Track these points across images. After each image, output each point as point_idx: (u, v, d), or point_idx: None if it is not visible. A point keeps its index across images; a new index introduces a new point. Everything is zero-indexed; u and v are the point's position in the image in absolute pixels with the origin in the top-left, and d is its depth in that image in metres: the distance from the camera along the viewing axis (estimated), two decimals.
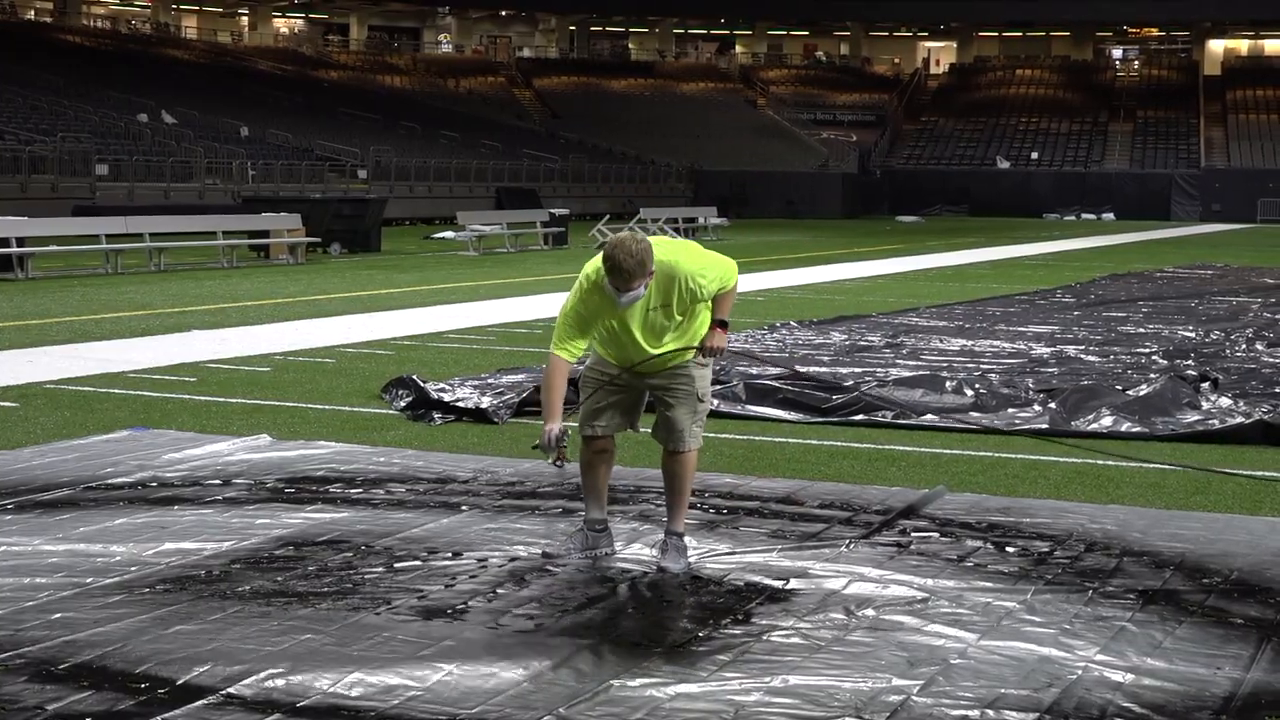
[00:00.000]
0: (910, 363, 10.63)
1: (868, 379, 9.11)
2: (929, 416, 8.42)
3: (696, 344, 5.15)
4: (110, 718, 3.66)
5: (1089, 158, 62.42)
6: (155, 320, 14.05)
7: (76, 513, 5.89)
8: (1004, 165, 61.52)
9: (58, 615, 4.51)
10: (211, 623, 4.45)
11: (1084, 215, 55.17)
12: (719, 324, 5.15)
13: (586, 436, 5.23)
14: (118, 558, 5.21)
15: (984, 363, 10.69)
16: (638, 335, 5.05)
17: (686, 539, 5.29)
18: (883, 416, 8.46)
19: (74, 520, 5.76)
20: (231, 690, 3.86)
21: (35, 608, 4.58)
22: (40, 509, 5.94)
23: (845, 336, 12.41)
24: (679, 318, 5.06)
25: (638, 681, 3.99)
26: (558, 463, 4.95)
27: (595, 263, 4.98)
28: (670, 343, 5.10)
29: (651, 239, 5.06)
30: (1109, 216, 54.77)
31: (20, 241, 19.79)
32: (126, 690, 3.85)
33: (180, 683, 3.91)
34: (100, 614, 4.53)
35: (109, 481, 6.50)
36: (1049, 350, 11.59)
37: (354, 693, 3.86)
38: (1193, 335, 12.93)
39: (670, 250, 5.04)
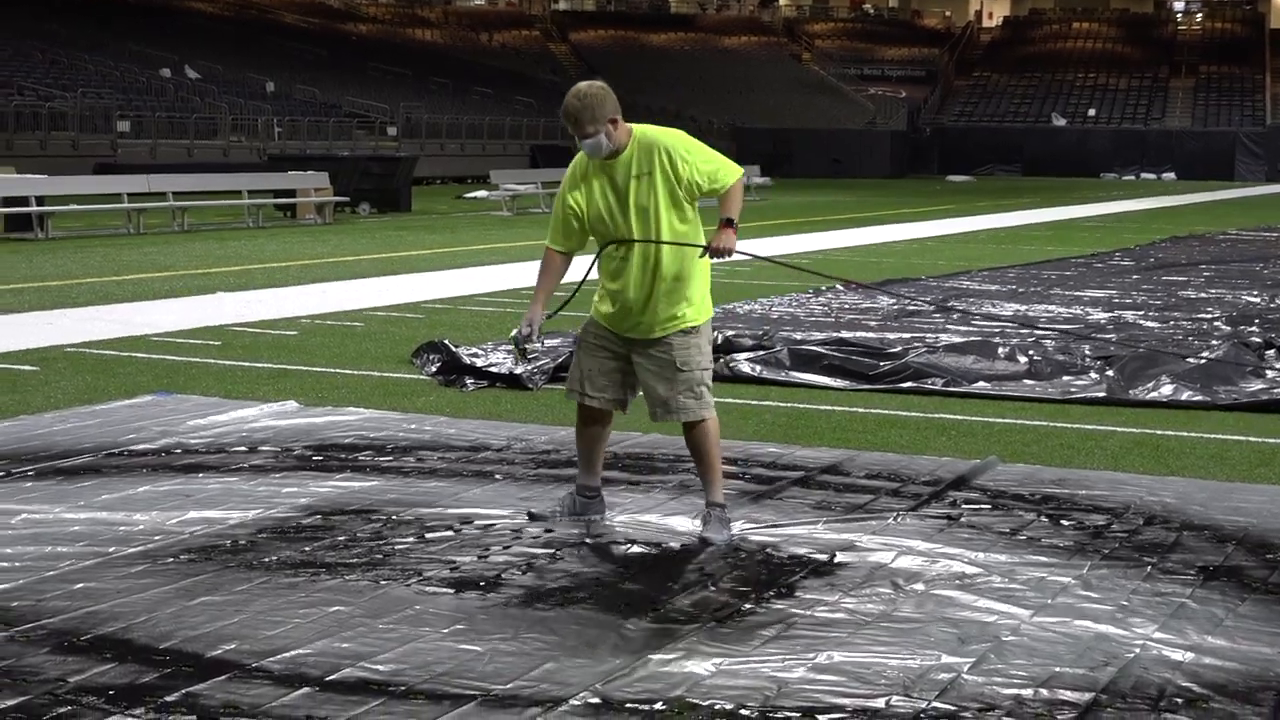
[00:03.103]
0: (961, 328, 10.43)
1: (916, 345, 8.92)
2: (980, 384, 8.24)
3: (703, 244, 4.98)
4: (133, 690, 3.59)
5: (1149, 115, 61.43)
6: (179, 282, 14.01)
7: (98, 480, 5.82)
8: (1060, 123, 60.60)
9: (80, 585, 4.45)
10: (237, 594, 4.38)
11: (1143, 175, 54.34)
12: (725, 222, 4.93)
13: (580, 405, 5.17)
14: (141, 526, 5.15)
15: (1038, 328, 10.47)
16: (631, 207, 4.91)
17: (728, 510, 5.18)
18: (932, 384, 8.32)
19: (96, 488, 5.70)
20: (258, 663, 3.79)
21: (57, 577, 4.53)
22: (61, 476, 5.88)
23: (893, 300, 12.20)
24: (664, 206, 4.88)
25: (676, 656, 3.89)
26: (524, 355, 5.28)
27: None
28: (667, 245, 4.94)
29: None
30: (1170, 176, 53.89)
31: (40, 200, 19.62)
32: (150, 663, 3.79)
33: (206, 655, 3.84)
34: (123, 584, 4.47)
35: (132, 448, 6.43)
36: (1106, 315, 11.37)
37: (384, 667, 3.78)
38: (1257, 300, 12.64)
39: (656, 129, 5.01)
